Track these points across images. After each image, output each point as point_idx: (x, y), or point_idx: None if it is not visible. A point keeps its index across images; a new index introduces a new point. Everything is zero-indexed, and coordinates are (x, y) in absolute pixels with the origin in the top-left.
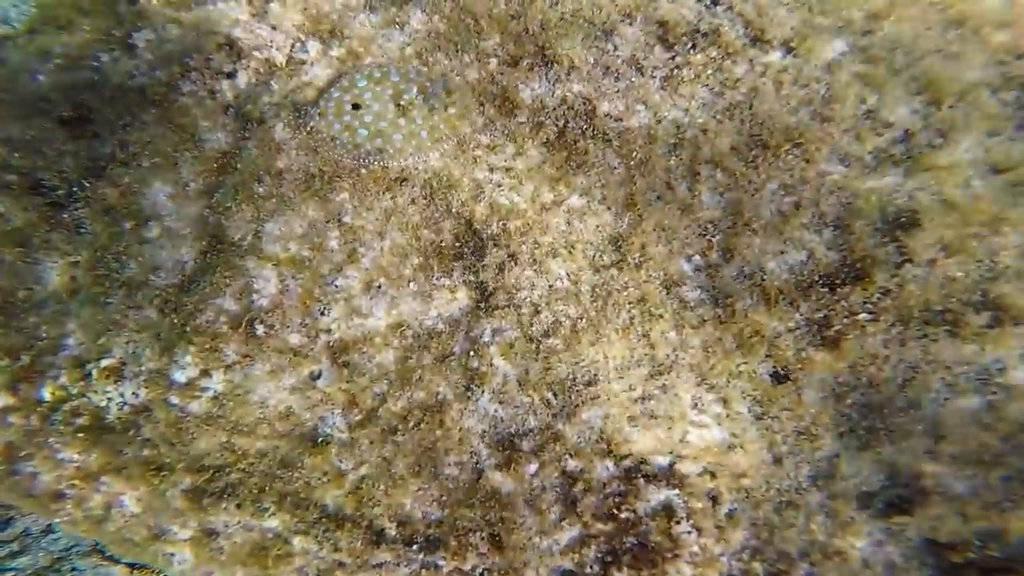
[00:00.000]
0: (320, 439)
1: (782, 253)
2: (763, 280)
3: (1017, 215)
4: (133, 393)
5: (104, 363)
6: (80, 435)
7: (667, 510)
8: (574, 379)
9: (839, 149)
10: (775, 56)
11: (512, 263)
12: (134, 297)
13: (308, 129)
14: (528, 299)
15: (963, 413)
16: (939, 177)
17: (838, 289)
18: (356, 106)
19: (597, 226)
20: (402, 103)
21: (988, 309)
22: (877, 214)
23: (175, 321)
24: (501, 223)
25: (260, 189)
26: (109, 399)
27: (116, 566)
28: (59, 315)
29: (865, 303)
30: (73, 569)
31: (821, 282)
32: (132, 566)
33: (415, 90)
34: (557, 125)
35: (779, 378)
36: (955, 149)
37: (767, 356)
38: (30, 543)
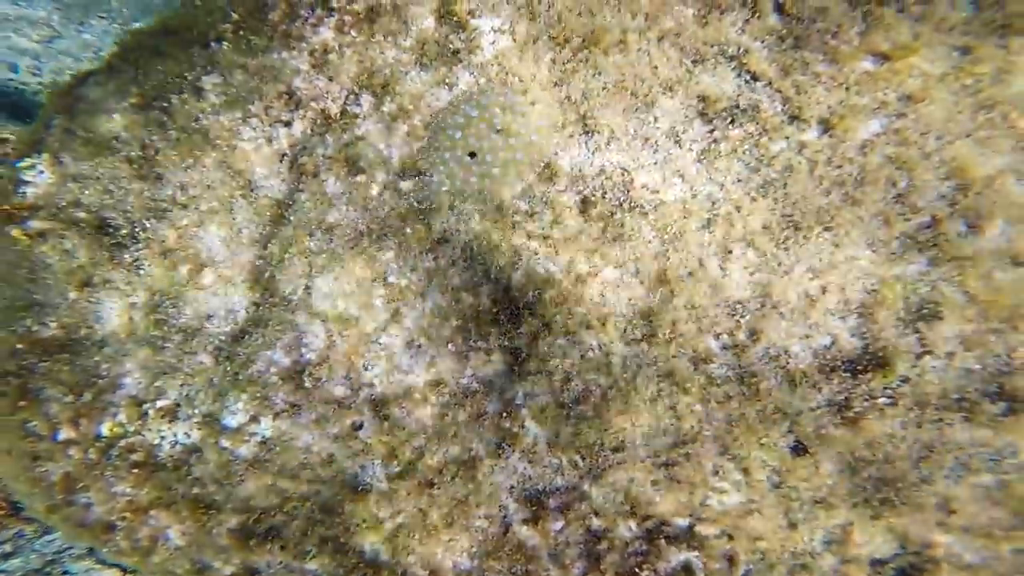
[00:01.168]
0: (360, 487)
1: (807, 337)
2: (788, 363)
3: None
4: (185, 434)
5: (160, 404)
6: (135, 471)
7: (686, 570)
8: (602, 444)
9: (868, 233)
10: (811, 135)
11: (546, 331)
12: (189, 342)
13: (427, 183)
14: (560, 367)
15: (975, 489)
16: (962, 267)
17: (860, 375)
18: (472, 155)
19: (630, 299)
20: (498, 127)
21: (1003, 400)
22: (901, 303)
23: (228, 369)
24: (536, 292)
25: (311, 244)
26: (163, 438)
27: (109, 570)
28: (119, 355)
29: (885, 388)
30: (64, 572)
31: (843, 367)
32: (125, 570)
33: (499, 111)
34: (595, 195)
35: (799, 451)
36: (979, 239)
37: (788, 431)
38: (23, 545)
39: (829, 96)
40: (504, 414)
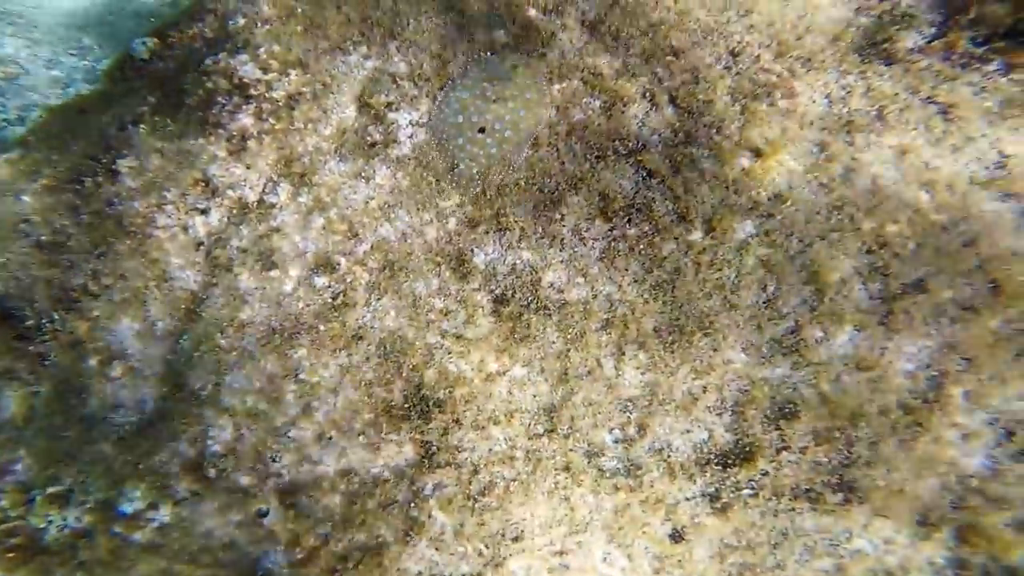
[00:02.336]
0: (261, 573)
1: (688, 432)
2: (670, 456)
3: (871, 410)
4: (76, 519)
5: (50, 490)
6: (10, 554)
7: None
8: (503, 534)
9: (742, 338)
10: (696, 235)
11: (456, 426)
12: (91, 432)
13: (458, 175)
14: (469, 460)
15: (817, 573)
16: (817, 371)
17: (729, 468)
18: (482, 130)
19: (535, 396)
20: (493, 98)
21: (842, 490)
22: (767, 403)
23: (129, 459)
24: (448, 389)
25: (223, 341)
26: (50, 522)
27: None
28: (11, 442)
29: (749, 480)
30: None
31: (716, 461)
32: None
33: (490, 82)
34: (507, 294)
35: (676, 538)
36: (832, 344)
37: (667, 519)
38: None
39: (712, 195)
40: (413, 503)
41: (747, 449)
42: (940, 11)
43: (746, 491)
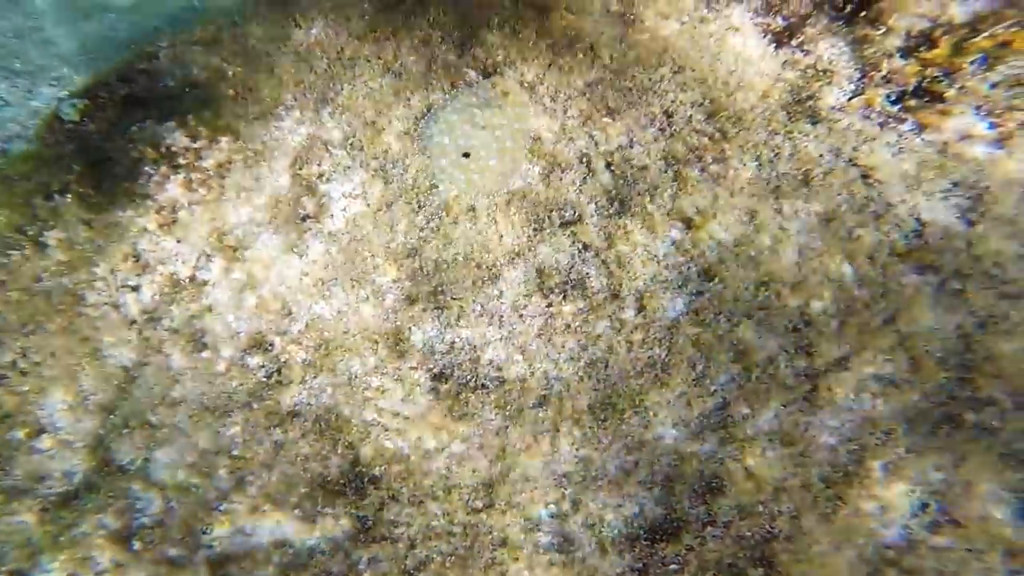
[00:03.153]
0: None
1: (619, 507)
2: (602, 531)
3: (794, 484)
4: None
5: None
6: None
7: None
8: None
9: (672, 414)
10: (629, 313)
11: (393, 502)
12: (12, 503)
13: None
14: (405, 535)
15: None
16: (743, 447)
17: (656, 544)
18: (467, 155)
19: (473, 471)
20: (481, 125)
21: (763, 565)
22: (695, 478)
23: (50, 530)
24: (385, 465)
25: (153, 418)
26: None
27: None
28: None
29: (676, 556)
30: None
31: (645, 536)
32: None
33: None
34: (445, 373)
35: None
36: (757, 420)
37: None
38: None
39: (644, 270)
40: None
41: (675, 524)
42: (857, 67)
43: (672, 567)
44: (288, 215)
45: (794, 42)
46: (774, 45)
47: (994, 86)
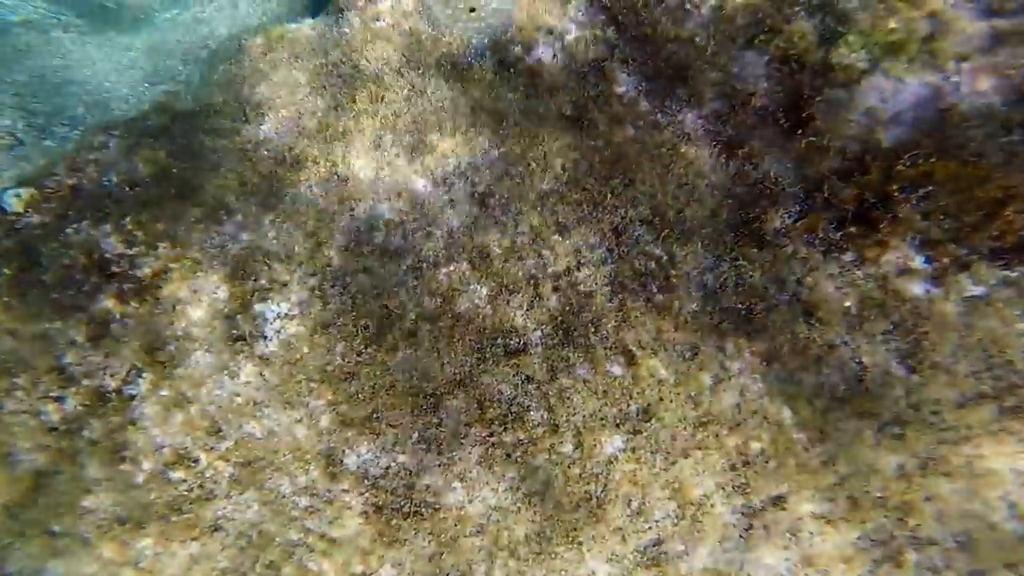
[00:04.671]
0: None
1: None
2: None
3: None
4: None
5: None
6: None
7: None
8: None
9: (606, 549)
10: (567, 448)
11: None
12: None
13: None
14: None
15: None
16: None
17: None
18: (472, 9)
19: None
20: None
21: None
22: None
23: None
24: None
25: (56, 527)
26: None
27: None
28: None
29: None
30: None
31: None
32: None
33: None
34: (378, 497)
35: None
36: (692, 558)
37: None
38: None
39: (584, 405)
40: None
41: None
42: (801, 186)
43: None
44: (223, 333)
45: (742, 153)
46: (724, 156)
47: (925, 216)
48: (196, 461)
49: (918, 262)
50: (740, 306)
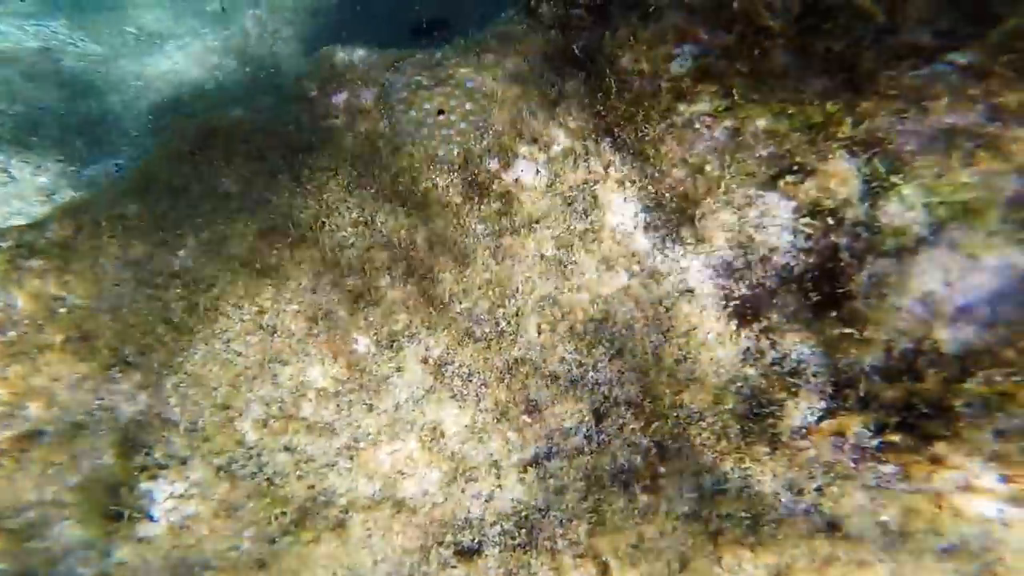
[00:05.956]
0: None
1: None
2: None
3: None
4: None
5: None
6: None
7: None
8: None
9: None
10: None
11: None
12: None
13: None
14: None
15: None
16: None
17: None
18: (440, 112)
19: None
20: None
21: None
22: None
23: None
24: None
25: None
26: None
27: None
28: None
29: None
30: None
31: None
32: None
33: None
34: None
35: None
36: None
37: None
38: None
39: None
40: None
41: None
42: (830, 378)
43: None
44: (100, 505)
45: (758, 326)
46: (736, 322)
47: (1000, 435)
48: None
49: (989, 480)
50: (744, 514)
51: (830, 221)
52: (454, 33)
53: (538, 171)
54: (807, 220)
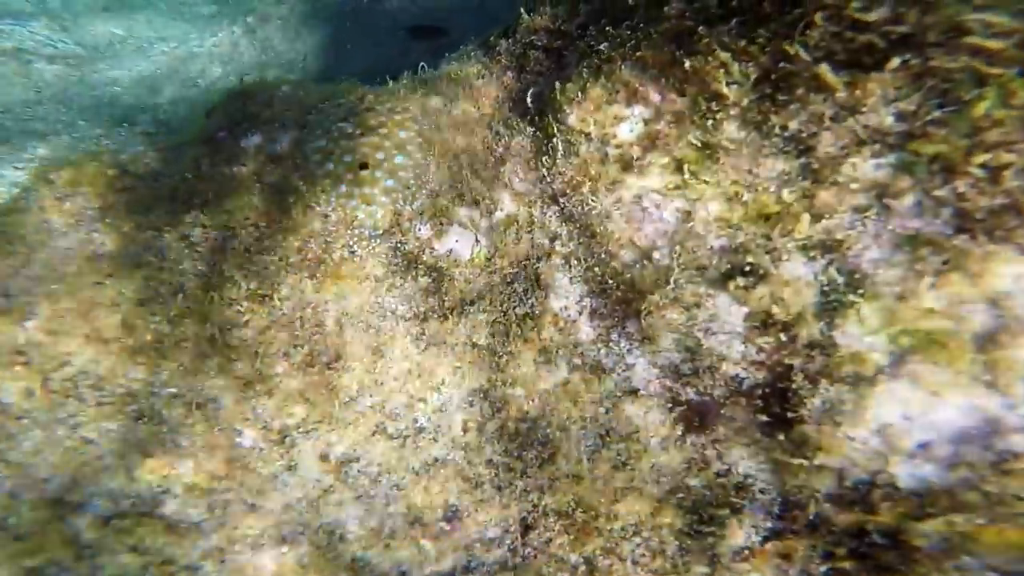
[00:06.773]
0: None
1: None
2: None
3: None
4: None
5: None
6: None
7: None
8: None
9: None
10: None
11: None
12: None
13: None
14: None
15: None
16: None
17: None
18: (364, 166)
19: None
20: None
21: None
22: None
23: None
24: None
25: None
26: None
27: None
28: None
29: None
30: None
31: None
32: None
33: None
34: None
35: None
36: None
37: None
38: None
39: None
40: None
41: None
42: (777, 496)
43: None
44: None
45: (705, 437)
46: (681, 430)
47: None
48: None
49: None
50: None
51: (783, 338)
52: (452, 44)
53: (477, 241)
54: (758, 330)
